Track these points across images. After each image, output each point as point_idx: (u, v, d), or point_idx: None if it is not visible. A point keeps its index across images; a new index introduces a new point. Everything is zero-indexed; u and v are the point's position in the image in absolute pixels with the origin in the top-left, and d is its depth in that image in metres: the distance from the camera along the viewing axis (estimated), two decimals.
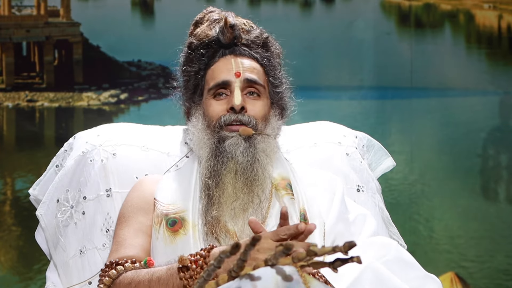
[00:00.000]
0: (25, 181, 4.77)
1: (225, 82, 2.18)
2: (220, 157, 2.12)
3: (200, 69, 2.24)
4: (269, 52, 2.26)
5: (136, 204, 2.20)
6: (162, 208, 2.15)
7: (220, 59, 2.22)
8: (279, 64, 2.29)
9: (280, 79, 2.27)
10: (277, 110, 2.25)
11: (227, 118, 2.15)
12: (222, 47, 2.23)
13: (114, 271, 2.04)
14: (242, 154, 2.12)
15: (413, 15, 5.03)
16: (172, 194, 2.17)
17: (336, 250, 1.61)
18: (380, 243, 2.07)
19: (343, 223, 2.18)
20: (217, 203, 2.10)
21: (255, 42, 2.25)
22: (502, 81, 4.97)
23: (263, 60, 2.24)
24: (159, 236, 2.12)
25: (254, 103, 2.18)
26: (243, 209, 2.10)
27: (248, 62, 2.21)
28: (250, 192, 2.11)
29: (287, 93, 2.29)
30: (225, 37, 2.21)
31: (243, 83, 2.18)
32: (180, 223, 2.11)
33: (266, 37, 2.27)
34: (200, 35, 2.25)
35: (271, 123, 2.21)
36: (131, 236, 2.15)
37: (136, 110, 4.90)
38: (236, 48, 2.22)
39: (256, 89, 2.19)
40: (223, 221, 2.08)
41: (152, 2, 4.94)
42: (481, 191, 4.89)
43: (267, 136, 2.17)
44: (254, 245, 1.60)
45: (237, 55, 2.22)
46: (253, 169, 2.12)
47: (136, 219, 2.17)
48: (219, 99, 2.19)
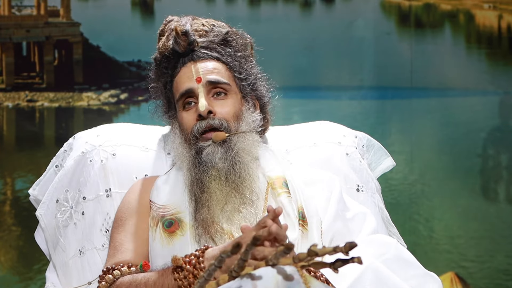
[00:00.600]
0: (25, 181, 4.77)
1: (188, 91, 2.18)
2: (200, 167, 2.12)
3: (167, 82, 2.25)
4: (230, 47, 2.24)
5: (132, 207, 2.20)
6: (158, 210, 2.15)
7: (182, 69, 2.21)
8: (244, 57, 2.26)
9: (247, 70, 2.25)
10: (250, 102, 2.24)
11: (198, 126, 2.15)
12: (180, 56, 2.22)
13: (110, 276, 2.05)
14: (221, 160, 2.12)
15: (413, 15, 5.03)
16: (167, 196, 2.18)
17: (337, 250, 1.61)
18: (380, 241, 2.07)
19: (341, 221, 2.17)
20: (206, 206, 2.09)
21: (214, 42, 2.23)
22: (502, 81, 4.97)
23: (224, 57, 2.22)
24: (156, 238, 2.12)
25: (222, 104, 2.17)
26: (237, 210, 2.10)
27: (208, 64, 2.20)
28: (240, 195, 2.11)
29: (259, 82, 2.27)
30: (180, 46, 2.20)
31: (206, 87, 2.17)
32: (177, 224, 2.11)
33: (225, 32, 2.25)
34: (161, 48, 2.25)
35: (245, 119, 2.19)
36: (127, 241, 2.16)
37: (136, 110, 4.90)
38: (194, 54, 2.21)
39: (222, 88, 2.19)
40: (216, 222, 2.08)
41: (152, 2, 4.94)
42: (481, 191, 4.89)
43: (243, 134, 2.16)
44: (255, 245, 1.60)
45: (196, 61, 2.21)
46: (235, 172, 2.12)
47: (132, 222, 2.18)
48: (188, 109, 2.19)
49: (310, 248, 1.64)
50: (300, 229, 2.09)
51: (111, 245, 2.19)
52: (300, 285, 1.65)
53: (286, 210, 2.12)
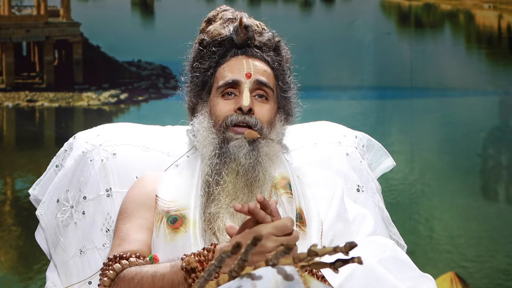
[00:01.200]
0: (25, 181, 4.77)
1: (235, 82, 2.17)
2: (223, 157, 2.12)
3: (211, 66, 2.23)
4: (280, 56, 2.25)
5: (139, 199, 2.19)
6: (163, 205, 2.15)
7: (232, 59, 2.21)
8: (288, 69, 2.28)
9: (289, 84, 2.26)
10: (282, 115, 2.24)
11: (234, 118, 2.14)
12: (234, 46, 2.22)
13: (118, 265, 2.03)
14: (245, 156, 2.11)
15: (413, 15, 5.03)
16: (173, 192, 2.17)
17: (337, 250, 1.61)
18: (377, 243, 2.08)
19: (342, 222, 2.18)
20: (216, 200, 2.10)
21: (267, 45, 2.24)
22: (502, 81, 4.97)
23: (274, 63, 2.23)
24: (159, 233, 2.12)
25: (261, 106, 2.18)
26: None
27: (259, 64, 2.20)
28: (249, 193, 2.11)
29: (294, 98, 2.28)
30: (238, 37, 2.20)
31: (253, 85, 2.17)
32: (181, 220, 2.11)
33: (278, 40, 2.26)
34: (213, 33, 2.24)
35: (276, 128, 2.20)
36: (134, 231, 2.14)
37: (136, 110, 4.90)
38: (248, 49, 2.21)
39: (265, 92, 2.19)
40: (221, 218, 2.08)
41: (152, 2, 4.94)
42: (481, 191, 4.89)
43: (271, 141, 2.16)
44: (255, 245, 1.59)
45: (249, 56, 2.21)
46: (254, 171, 2.11)
47: (139, 214, 2.17)
48: (227, 99, 2.18)
49: (310, 248, 1.64)
50: (297, 230, 2.10)
51: (116, 235, 2.17)
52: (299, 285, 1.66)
53: (285, 210, 2.13)
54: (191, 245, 2.06)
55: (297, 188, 2.18)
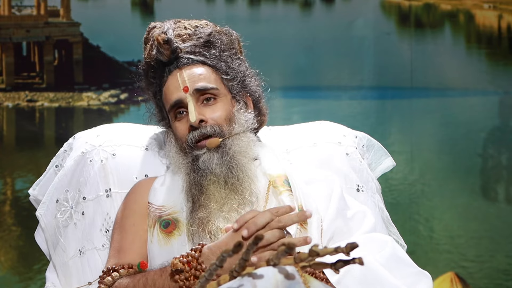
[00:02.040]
0: (25, 181, 4.77)
1: (177, 102, 2.16)
2: (198, 172, 2.12)
3: (156, 92, 2.23)
4: (215, 48, 2.21)
5: (132, 208, 2.20)
6: (155, 211, 2.15)
7: (169, 78, 2.19)
8: (230, 55, 2.24)
9: (234, 68, 2.22)
10: (241, 102, 2.22)
11: (191, 137, 2.14)
12: (165, 65, 2.20)
13: (109, 278, 2.05)
14: (218, 165, 2.11)
15: (413, 15, 5.03)
16: (164, 196, 2.17)
17: (338, 250, 1.61)
18: (376, 239, 2.08)
19: (341, 219, 2.17)
20: (203, 206, 2.09)
21: (197, 45, 2.20)
22: (502, 81, 4.97)
23: (208, 60, 2.20)
24: (153, 239, 2.12)
25: (212, 109, 2.16)
26: (235, 210, 2.09)
27: (194, 71, 2.18)
28: (238, 196, 2.11)
29: (248, 78, 2.25)
30: (163, 56, 2.18)
31: (194, 95, 2.15)
32: (174, 224, 2.11)
33: (208, 34, 2.22)
34: (146, 58, 2.24)
35: (237, 120, 2.18)
36: (128, 242, 2.16)
37: (136, 110, 4.90)
38: (179, 61, 2.18)
39: (210, 94, 2.17)
40: (213, 221, 2.08)
41: (152, 2, 4.94)
42: (481, 191, 4.89)
43: (237, 136, 2.15)
44: (256, 244, 1.59)
45: (181, 68, 2.18)
46: (233, 176, 2.11)
47: (131, 223, 2.18)
48: (180, 119, 2.17)
49: (311, 249, 1.64)
50: (298, 227, 2.09)
51: (111, 246, 2.19)
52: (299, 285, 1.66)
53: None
54: (187, 247, 2.06)
55: (295, 184, 2.17)
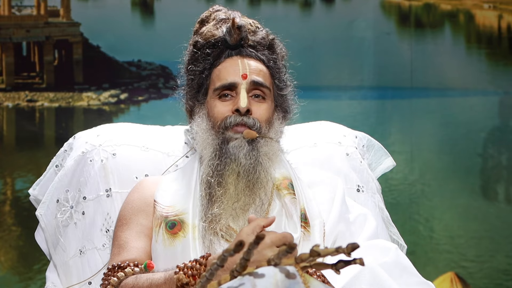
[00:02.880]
0: (25, 181, 4.77)
1: (231, 84, 2.17)
2: (223, 158, 2.11)
3: (205, 68, 2.22)
4: (275, 54, 2.25)
5: (137, 205, 2.19)
6: (161, 211, 2.15)
7: (226, 60, 2.20)
8: (284, 66, 2.28)
9: (285, 81, 2.25)
10: (280, 113, 2.24)
11: (232, 120, 2.14)
12: (228, 47, 2.21)
13: (115, 279, 2.04)
14: (245, 156, 2.11)
15: (413, 15, 5.03)
16: (172, 196, 2.17)
17: (339, 251, 1.61)
18: (380, 246, 2.07)
19: (344, 223, 2.17)
20: (219, 201, 2.09)
21: (261, 44, 2.23)
22: (502, 81, 4.97)
23: (269, 62, 2.22)
24: (158, 239, 2.12)
25: (259, 106, 2.17)
26: (243, 209, 2.10)
27: (254, 64, 2.20)
28: (252, 194, 2.11)
29: (290, 96, 2.27)
30: (232, 38, 2.20)
31: (249, 85, 2.16)
32: (180, 225, 2.11)
33: (272, 38, 2.26)
34: (206, 34, 2.23)
35: (274, 127, 2.20)
36: (133, 239, 2.15)
37: (136, 110, 4.90)
38: (242, 49, 2.20)
39: (262, 92, 2.18)
40: (224, 219, 2.08)
41: (152, 2, 4.94)
42: (481, 191, 4.89)
43: (270, 140, 2.16)
44: (258, 244, 1.59)
45: (243, 56, 2.20)
46: (255, 172, 2.11)
47: (137, 221, 2.17)
48: (224, 100, 2.17)
49: (313, 249, 1.64)
50: (302, 230, 2.10)
51: (115, 243, 2.17)
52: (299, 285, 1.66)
53: (289, 211, 2.12)
54: (190, 250, 2.06)
55: (299, 188, 2.17)
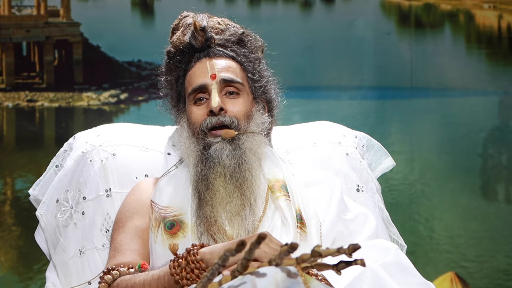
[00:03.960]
0: (25, 181, 4.77)
1: (201, 86, 2.18)
2: (207, 163, 2.12)
3: (179, 76, 2.25)
4: (245, 47, 2.25)
5: (133, 208, 2.20)
6: (159, 211, 2.15)
7: (196, 64, 2.22)
8: (258, 58, 2.28)
9: (260, 72, 2.26)
10: (260, 104, 2.24)
11: (208, 122, 2.15)
12: (196, 51, 2.22)
13: (109, 276, 2.05)
14: (228, 157, 2.12)
15: (413, 15, 5.03)
16: (169, 197, 2.17)
17: (340, 252, 1.61)
18: (380, 246, 2.07)
19: (342, 223, 2.17)
20: (209, 204, 2.09)
21: (230, 40, 2.24)
22: (502, 81, 4.97)
23: (239, 57, 2.23)
24: (157, 239, 2.12)
25: (234, 102, 2.18)
26: (237, 211, 2.10)
27: (223, 62, 2.21)
28: (241, 195, 2.11)
29: (270, 85, 2.28)
30: (197, 41, 2.21)
31: (220, 84, 2.18)
32: (179, 225, 2.11)
33: (241, 33, 2.26)
34: (176, 42, 2.25)
35: (254, 119, 2.20)
36: (128, 242, 2.16)
37: (136, 110, 4.90)
38: (210, 50, 2.22)
39: (235, 87, 2.19)
40: (219, 221, 2.08)
41: (152, 2, 4.94)
42: (481, 191, 4.89)
43: (252, 134, 2.16)
44: (259, 244, 1.59)
45: (211, 57, 2.22)
46: (241, 171, 2.11)
47: (132, 223, 2.18)
48: (199, 104, 2.19)
49: (314, 249, 1.64)
50: (298, 231, 2.09)
51: (111, 246, 2.19)
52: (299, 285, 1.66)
53: (284, 213, 2.12)
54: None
55: (293, 188, 2.17)
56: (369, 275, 1.88)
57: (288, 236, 2.07)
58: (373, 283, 1.89)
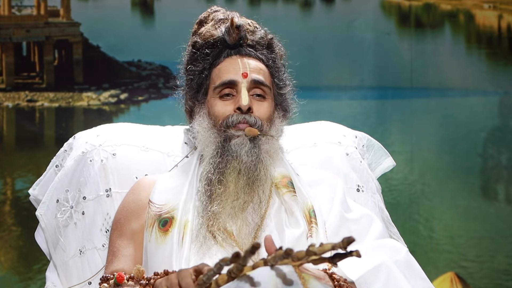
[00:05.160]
0: (25, 181, 4.78)
1: (232, 82, 2.18)
2: (225, 156, 2.12)
3: (205, 68, 2.23)
4: (273, 53, 2.26)
5: (130, 209, 2.20)
6: (155, 210, 2.15)
7: (226, 59, 2.22)
8: (283, 66, 2.29)
9: (284, 80, 2.27)
10: (280, 111, 2.25)
11: (234, 118, 2.15)
12: (227, 47, 2.22)
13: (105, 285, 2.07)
14: (247, 154, 2.12)
15: (413, 15, 5.03)
16: (166, 194, 2.18)
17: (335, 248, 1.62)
18: (391, 245, 2.08)
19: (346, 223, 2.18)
20: (218, 199, 2.10)
21: (260, 43, 2.25)
22: (502, 81, 4.97)
23: (268, 61, 2.24)
24: (151, 238, 2.12)
25: (260, 104, 2.18)
26: (242, 208, 2.10)
27: (254, 63, 2.21)
28: (251, 192, 2.11)
29: (290, 95, 2.29)
30: (231, 38, 2.21)
31: (250, 84, 2.18)
32: (171, 222, 2.12)
33: (270, 38, 2.27)
34: (205, 35, 2.25)
35: (275, 125, 2.21)
36: (124, 246, 2.17)
37: (136, 110, 4.90)
38: (241, 49, 2.22)
39: (262, 90, 2.19)
40: (222, 218, 2.08)
41: (152, 2, 4.94)
42: (481, 191, 4.89)
43: (272, 138, 2.17)
44: (253, 253, 1.60)
45: (243, 56, 2.22)
46: (256, 169, 2.12)
47: (128, 226, 2.18)
48: (225, 99, 2.18)
49: (309, 248, 1.65)
50: (313, 226, 2.10)
51: (109, 249, 2.20)
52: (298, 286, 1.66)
53: (291, 208, 2.13)
54: (174, 246, 2.06)
55: (300, 185, 2.18)
56: (384, 269, 1.89)
57: (299, 229, 2.08)
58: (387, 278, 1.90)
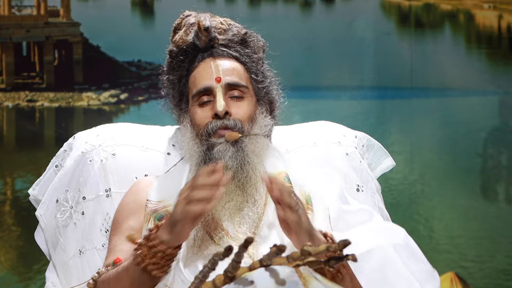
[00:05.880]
0: (25, 181, 4.78)
1: (207, 89, 2.18)
2: (209, 163, 2.12)
3: (182, 76, 2.24)
4: (248, 48, 2.25)
5: (129, 208, 2.21)
6: (151, 206, 2.16)
7: (200, 64, 2.21)
8: (260, 59, 2.28)
9: (263, 73, 2.26)
10: (263, 106, 2.24)
11: (213, 125, 2.15)
12: (199, 51, 2.22)
13: (91, 281, 2.08)
14: (231, 159, 2.12)
15: (413, 15, 5.03)
16: (163, 192, 2.18)
17: (330, 249, 1.62)
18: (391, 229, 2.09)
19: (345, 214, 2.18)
20: None
21: (233, 41, 2.24)
22: (502, 81, 4.98)
23: (242, 57, 2.22)
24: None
25: (238, 106, 2.18)
26: (238, 208, 2.10)
27: (227, 63, 2.20)
28: (244, 193, 2.11)
29: (272, 85, 2.28)
30: (201, 41, 2.21)
31: (225, 88, 2.17)
32: (167, 217, 2.12)
33: (244, 33, 2.26)
34: (178, 42, 2.25)
35: (258, 122, 2.20)
36: (121, 243, 2.17)
37: (136, 110, 4.90)
38: (213, 50, 2.21)
39: (239, 91, 2.18)
40: (217, 219, 2.09)
41: (152, 2, 4.95)
42: (481, 191, 4.89)
43: (255, 136, 2.16)
44: (246, 247, 1.61)
45: (215, 57, 2.21)
46: (243, 172, 2.12)
47: (127, 224, 2.19)
48: (203, 106, 2.18)
49: (303, 248, 1.65)
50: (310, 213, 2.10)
51: (108, 246, 2.21)
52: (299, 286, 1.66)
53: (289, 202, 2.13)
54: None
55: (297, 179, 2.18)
56: (378, 253, 1.90)
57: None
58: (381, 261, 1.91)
